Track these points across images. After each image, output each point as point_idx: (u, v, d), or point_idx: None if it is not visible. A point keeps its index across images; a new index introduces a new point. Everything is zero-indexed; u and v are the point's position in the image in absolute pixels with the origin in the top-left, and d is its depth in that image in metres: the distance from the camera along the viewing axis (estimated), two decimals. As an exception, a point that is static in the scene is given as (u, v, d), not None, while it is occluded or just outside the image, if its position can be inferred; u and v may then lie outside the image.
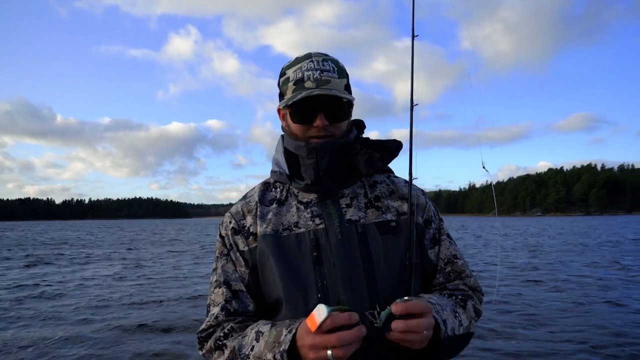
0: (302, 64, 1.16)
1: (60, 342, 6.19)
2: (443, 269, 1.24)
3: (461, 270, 1.25)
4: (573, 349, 5.54)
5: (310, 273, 1.11)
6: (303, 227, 1.16)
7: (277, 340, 0.97)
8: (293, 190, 1.24)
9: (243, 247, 1.19)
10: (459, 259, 1.26)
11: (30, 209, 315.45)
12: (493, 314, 7.27)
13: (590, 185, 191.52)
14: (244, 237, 1.20)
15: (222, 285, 1.18)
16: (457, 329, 1.09)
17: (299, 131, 1.18)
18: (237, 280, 1.18)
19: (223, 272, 1.19)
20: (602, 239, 25.98)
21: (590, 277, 11.31)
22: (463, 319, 1.12)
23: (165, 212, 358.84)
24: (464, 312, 1.15)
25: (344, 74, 1.20)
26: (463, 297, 1.20)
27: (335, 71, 1.16)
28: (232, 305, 1.16)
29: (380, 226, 1.17)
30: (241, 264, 1.19)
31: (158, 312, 8.02)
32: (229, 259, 1.21)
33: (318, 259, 1.12)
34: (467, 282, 1.24)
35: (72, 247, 25.25)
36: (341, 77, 1.17)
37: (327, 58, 1.18)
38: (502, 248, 20.90)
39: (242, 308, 1.17)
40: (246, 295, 1.18)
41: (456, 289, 1.22)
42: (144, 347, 5.99)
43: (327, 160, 1.15)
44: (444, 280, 1.24)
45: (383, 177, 1.30)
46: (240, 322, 1.14)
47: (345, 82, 1.18)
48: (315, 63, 1.15)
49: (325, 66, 1.15)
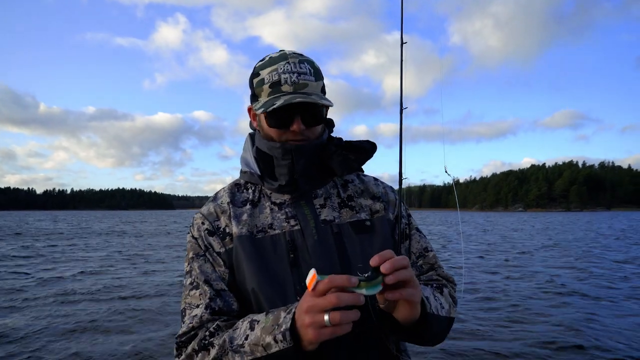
0: (278, 65, 1.12)
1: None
2: (415, 263, 1.24)
3: (433, 262, 1.25)
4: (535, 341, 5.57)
5: (288, 275, 1.09)
6: (278, 228, 1.14)
7: (275, 323, 0.93)
8: (265, 191, 1.22)
9: (219, 248, 1.15)
10: (430, 251, 1.26)
11: (10, 199, 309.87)
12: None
13: (571, 181, 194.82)
14: (220, 238, 1.16)
15: (201, 286, 1.11)
16: (440, 310, 1.09)
17: (274, 134, 1.15)
18: (218, 279, 1.13)
19: (201, 272, 1.13)
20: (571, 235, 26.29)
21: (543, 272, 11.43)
22: (443, 302, 1.13)
23: (149, 203, 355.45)
24: (442, 296, 1.15)
25: (320, 75, 1.17)
26: (438, 285, 1.19)
27: (312, 73, 1.14)
28: (217, 303, 1.10)
29: (355, 226, 1.17)
30: (220, 263, 1.14)
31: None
32: (206, 259, 1.15)
33: (295, 261, 1.10)
34: (439, 273, 1.25)
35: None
36: (318, 80, 1.15)
37: (303, 59, 1.15)
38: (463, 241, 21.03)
39: (227, 307, 1.11)
40: (229, 294, 1.13)
41: (430, 279, 1.23)
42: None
43: (303, 162, 1.14)
44: (416, 273, 1.23)
45: (353, 177, 1.30)
46: (226, 320, 1.08)
47: (321, 85, 1.17)
48: (292, 65, 1.11)
49: (302, 68, 1.12)
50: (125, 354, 5.39)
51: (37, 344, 5.76)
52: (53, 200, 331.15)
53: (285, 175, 1.15)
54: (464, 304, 7.73)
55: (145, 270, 12.41)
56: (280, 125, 1.13)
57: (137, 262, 14.18)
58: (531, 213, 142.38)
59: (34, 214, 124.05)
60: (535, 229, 34.30)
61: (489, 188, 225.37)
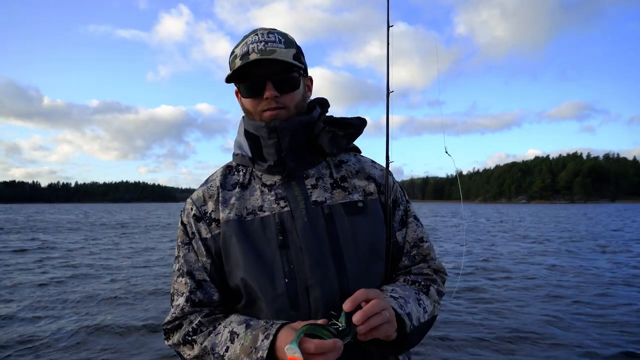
0: (248, 39, 1.13)
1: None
2: (409, 252, 1.23)
3: (426, 254, 1.24)
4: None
5: (277, 258, 1.08)
6: (268, 210, 1.13)
7: (253, 345, 0.96)
8: (256, 173, 1.20)
9: (206, 234, 1.15)
10: (425, 242, 1.25)
11: (16, 192, 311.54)
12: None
13: (575, 173, 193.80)
14: (207, 223, 1.16)
15: (184, 275, 1.14)
16: (422, 316, 1.09)
17: (250, 106, 1.15)
18: (200, 269, 1.14)
19: (185, 261, 1.15)
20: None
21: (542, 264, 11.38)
22: (427, 304, 1.13)
23: (152, 196, 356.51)
24: (428, 297, 1.16)
25: (293, 45, 1.15)
26: (426, 282, 1.19)
27: (282, 42, 1.12)
28: (197, 295, 1.12)
29: (347, 207, 1.15)
30: (202, 253, 1.15)
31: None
32: (191, 247, 1.16)
33: (284, 243, 1.09)
34: (431, 265, 1.23)
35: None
36: (288, 47, 1.13)
37: (274, 31, 1.15)
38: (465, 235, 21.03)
39: (207, 298, 1.13)
40: (210, 285, 1.14)
41: (420, 273, 1.21)
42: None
43: (289, 139, 1.12)
44: (409, 263, 1.23)
45: (349, 157, 1.27)
46: (207, 314, 1.11)
47: (293, 52, 1.13)
48: (260, 36, 1.12)
49: (271, 37, 1.12)
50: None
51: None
52: (58, 194, 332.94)
53: (274, 154, 1.14)
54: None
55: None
56: (252, 93, 1.12)
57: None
58: (535, 205, 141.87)
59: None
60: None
61: (492, 180, 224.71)
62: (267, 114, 1.12)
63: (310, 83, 1.25)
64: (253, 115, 1.16)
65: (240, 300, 1.13)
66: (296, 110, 1.16)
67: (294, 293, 1.06)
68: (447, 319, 6.23)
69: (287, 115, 1.13)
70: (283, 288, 1.06)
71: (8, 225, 30.78)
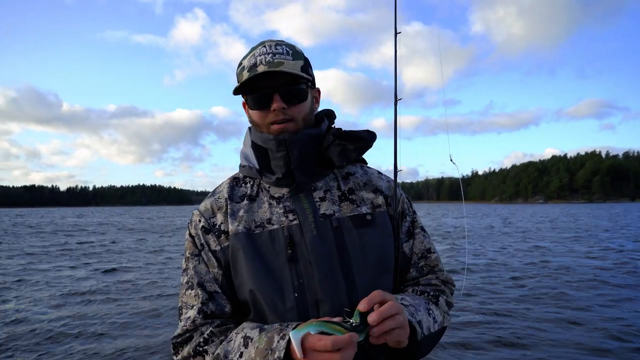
0: (255, 50, 1.13)
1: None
2: (417, 263, 1.22)
3: (434, 265, 1.24)
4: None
5: (286, 271, 1.07)
6: (276, 223, 1.12)
7: (269, 347, 0.93)
8: (264, 185, 1.20)
9: (215, 246, 1.14)
10: (433, 253, 1.24)
11: (36, 196, 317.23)
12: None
13: (594, 172, 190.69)
14: (216, 235, 1.15)
15: (195, 287, 1.12)
16: (432, 326, 1.08)
17: (257, 118, 1.15)
18: (211, 281, 1.13)
19: (196, 273, 1.14)
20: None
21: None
22: (437, 315, 1.12)
23: (168, 199, 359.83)
24: (437, 308, 1.15)
25: (300, 56, 1.15)
26: (435, 292, 1.18)
27: (290, 54, 1.12)
28: (209, 307, 1.10)
29: (355, 220, 1.14)
30: (214, 264, 1.14)
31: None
32: (201, 259, 1.15)
33: (293, 256, 1.08)
34: (439, 276, 1.23)
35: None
36: (296, 59, 1.12)
37: (282, 43, 1.15)
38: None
39: (219, 310, 1.11)
40: (222, 297, 1.12)
41: (428, 284, 1.21)
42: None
43: (298, 152, 1.11)
44: (417, 275, 1.22)
45: (356, 168, 1.26)
46: (219, 325, 1.09)
47: (301, 64, 1.13)
48: (268, 48, 1.12)
49: (278, 49, 1.12)
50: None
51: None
52: (76, 197, 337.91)
53: (282, 167, 1.13)
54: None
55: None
56: (260, 106, 1.12)
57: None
58: (552, 205, 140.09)
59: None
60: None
61: (508, 180, 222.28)
62: (275, 127, 1.12)
63: (318, 94, 1.25)
64: (261, 128, 1.15)
65: (249, 313, 1.11)
66: (304, 122, 1.15)
67: (303, 307, 1.05)
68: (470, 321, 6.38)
69: (295, 127, 1.13)
70: (292, 302, 1.05)
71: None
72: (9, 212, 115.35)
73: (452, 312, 1.16)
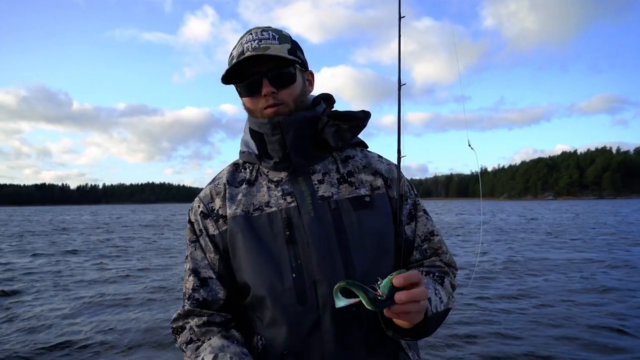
0: (243, 39, 1.14)
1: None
2: (420, 246, 1.22)
3: (437, 247, 1.24)
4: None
5: (284, 253, 1.09)
6: (274, 206, 1.14)
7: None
8: (263, 170, 1.21)
9: (213, 230, 1.17)
10: (436, 235, 1.24)
11: (46, 195, 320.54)
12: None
13: (604, 168, 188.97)
14: (214, 220, 1.17)
15: (190, 274, 1.16)
16: (439, 305, 1.08)
17: (250, 104, 1.16)
18: (206, 267, 1.16)
19: (192, 260, 1.17)
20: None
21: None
22: (442, 295, 1.12)
23: (177, 196, 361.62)
24: (443, 289, 1.15)
25: (287, 40, 1.15)
26: (440, 274, 1.19)
27: (276, 38, 1.12)
28: (200, 294, 1.14)
29: (354, 201, 1.14)
30: (210, 249, 1.16)
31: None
32: (198, 245, 1.18)
33: (291, 238, 1.09)
34: (443, 259, 1.23)
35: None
36: (283, 43, 1.13)
37: (268, 29, 1.15)
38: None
39: (212, 296, 1.14)
40: (216, 282, 1.15)
41: (433, 265, 1.22)
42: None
43: (293, 134, 1.12)
44: (420, 257, 1.22)
45: (356, 152, 1.26)
46: (204, 323, 1.13)
47: (288, 47, 1.13)
48: (254, 35, 1.12)
49: (264, 35, 1.12)
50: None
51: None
52: (86, 196, 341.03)
53: (278, 150, 1.14)
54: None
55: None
56: (250, 92, 1.14)
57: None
58: (562, 201, 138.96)
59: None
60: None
61: (517, 176, 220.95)
62: (268, 111, 1.12)
63: (312, 77, 1.25)
64: (255, 113, 1.16)
65: (247, 295, 1.13)
66: (295, 104, 1.15)
67: (301, 288, 1.06)
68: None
69: (287, 110, 1.13)
70: (290, 283, 1.06)
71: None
72: (22, 210, 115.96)
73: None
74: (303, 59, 1.20)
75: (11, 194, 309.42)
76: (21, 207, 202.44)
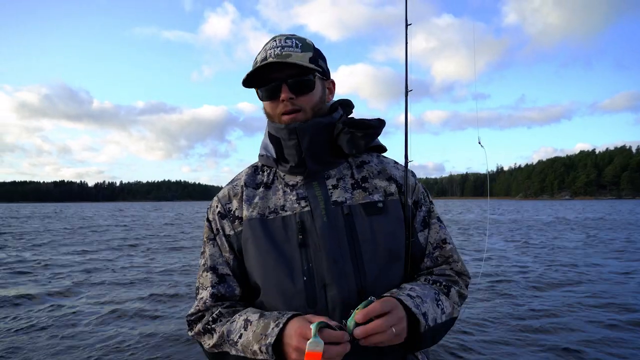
0: (267, 45, 1.18)
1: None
2: (431, 253, 1.23)
3: (449, 255, 1.24)
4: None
5: (296, 256, 1.11)
6: (289, 210, 1.16)
7: (264, 332, 0.99)
8: (280, 174, 1.24)
9: (229, 231, 1.20)
10: (448, 244, 1.25)
11: (64, 191, 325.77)
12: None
13: (623, 168, 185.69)
14: (230, 221, 1.21)
15: (209, 270, 1.20)
16: (440, 317, 1.10)
17: (269, 109, 1.19)
18: (223, 264, 1.20)
19: (210, 256, 1.21)
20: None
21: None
22: (446, 306, 1.14)
23: (193, 194, 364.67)
24: (447, 299, 1.16)
25: (310, 48, 1.18)
26: (447, 283, 1.20)
27: (299, 46, 1.16)
28: (219, 289, 1.18)
29: (366, 207, 1.16)
30: (226, 248, 1.20)
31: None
32: (215, 243, 1.22)
33: (304, 241, 1.11)
34: (453, 267, 1.24)
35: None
36: (305, 51, 1.16)
37: (292, 37, 1.19)
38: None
39: (229, 292, 1.18)
40: (232, 279, 1.19)
41: (442, 274, 1.22)
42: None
43: (308, 140, 1.15)
44: (431, 265, 1.23)
45: (371, 157, 1.29)
46: (228, 306, 1.16)
47: (309, 55, 1.16)
48: (278, 42, 1.16)
49: (287, 42, 1.16)
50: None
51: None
52: (104, 193, 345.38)
53: (294, 155, 1.17)
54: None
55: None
56: (269, 97, 1.17)
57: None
58: (579, 201, 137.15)
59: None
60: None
61: (533, 175, 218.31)
62: (285, 117, 1.16)
63: (332, 86, 1.28)
64: (273, 118, 1.19)
65: (258, 296, 1.16)
66: (313, 112, 1.18)
67: (311, 291, 1.08)
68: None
69: (304, 117, 1.16)
70: (301, 285, 1.08)
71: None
72: (42, 207, 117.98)
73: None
74: (324, 68, 1.22)
75: (32, 191, 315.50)
76: (41, 204, 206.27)
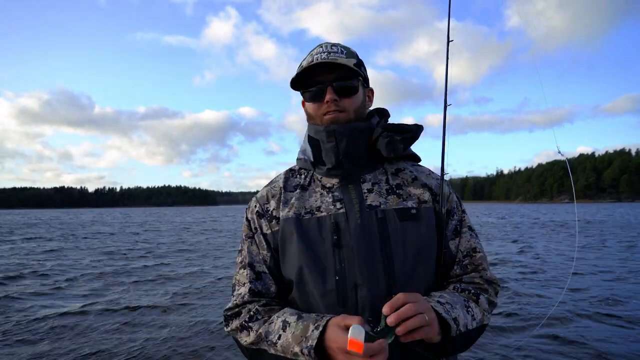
0: (313, 51, 1.23)
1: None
2: (461, 261, 1.25)
3: (478, 264, 1.25)
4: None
5: (330, 255, 1.14)
6: (325, 211, 1.19)
7: (304, 335, 1.01)
8: (317, 176, 1.27)
9: (266, 230, 1.24)
10: (478, 252, 1.26)
11: (65, 197, 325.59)
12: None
13: (622, 171, 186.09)
14: (267, 220, 1.25)
15: (246, 267, 1.23)
16: (470, 323, 1.11)
17: (312, 110, 1.23)
18: (260, 262, 1.23)
19: (248, 254, 1.25)
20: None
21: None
22: (476, 312, 1.15)
23: (194, 199, 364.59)
24: (477, 306, 1.17)
25: (353, 55, 1.24)
26: (476, 291, 1.21)
27: (344, 53, 1.21)
28: (256, 285, 1.21)
29: (400, 213, 1.18)
30: (263, 246, 1.23)
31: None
32: (253, 241, 1.26)
33: (337, 242, 1.14)
34: (483, 275, 1.25)
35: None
36: (349, 57, 1.21)
37: (337, 44, 1.24)
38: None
39: (265, 289, 1.22)
40: (268, 277, 1.22)
41: (471, 282, 1.24)
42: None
43: (346, 143, 1.18)
44: (460, 272, 1.25)
45: (406, 165, 1.31)
46: (264, 304, 1.19)
47: (354, 62, 1.21)
48: (324, 48, 1.21)
49: (333, 49, 1.20)
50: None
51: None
52: (104, 198, 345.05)
53: (332, 157, 1.20)
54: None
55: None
56: (314, 98, 1.21)
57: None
58: (579, 204, 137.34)
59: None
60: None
61: (532, 179, 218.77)
62: (327, 117, 1.19)
63: (371, 94, 1.33)
64: (315, 120, 1.24)
65: (292, 293, 1.19)
66: (355, 115, 1.22)
67: (343, 290, 1.11)
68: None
69: (346, 118, 1.20)
70: (333, 285, 1.11)
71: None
72: (43, 213, 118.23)
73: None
74: (366, 76, 1.28)
75: (32, 197, 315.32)
76: (42, 210, 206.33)
